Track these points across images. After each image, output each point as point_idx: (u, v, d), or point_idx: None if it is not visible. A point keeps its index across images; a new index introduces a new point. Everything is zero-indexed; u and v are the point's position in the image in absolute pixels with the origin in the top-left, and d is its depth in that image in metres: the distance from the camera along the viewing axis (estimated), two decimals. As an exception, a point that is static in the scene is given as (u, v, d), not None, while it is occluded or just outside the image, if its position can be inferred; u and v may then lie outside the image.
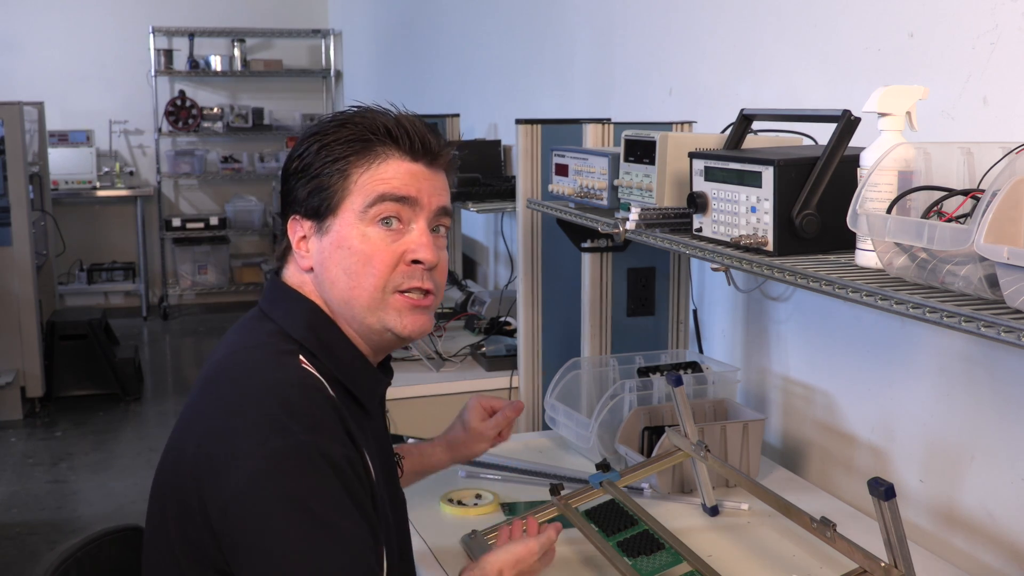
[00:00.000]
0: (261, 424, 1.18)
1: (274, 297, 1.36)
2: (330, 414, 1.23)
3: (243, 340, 1.33)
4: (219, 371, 1.29)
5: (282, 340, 1.30)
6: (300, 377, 1.25)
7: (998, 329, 1.08)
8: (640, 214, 1.79)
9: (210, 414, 1.24)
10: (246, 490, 1.15)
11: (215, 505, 1.17)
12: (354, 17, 7.34)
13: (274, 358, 1.27)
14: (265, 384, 1.23)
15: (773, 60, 2.28)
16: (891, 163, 1.34)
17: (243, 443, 1.17)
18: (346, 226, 1.31)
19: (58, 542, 1.40)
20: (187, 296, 7.91)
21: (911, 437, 1.88)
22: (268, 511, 1.15)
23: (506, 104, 4.15)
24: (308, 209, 1.33)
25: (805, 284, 1.40)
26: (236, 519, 1.16)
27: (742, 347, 2.42)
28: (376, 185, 1.30)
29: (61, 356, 5.47)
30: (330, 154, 1.32)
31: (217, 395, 1.26)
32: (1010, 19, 1.60)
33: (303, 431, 1.18)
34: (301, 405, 1.21)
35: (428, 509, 1.93)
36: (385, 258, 1.31)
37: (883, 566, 1.35)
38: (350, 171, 1.31)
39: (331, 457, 1.18)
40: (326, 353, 1.31)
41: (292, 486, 1.15)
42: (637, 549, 1.66)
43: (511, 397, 2.85)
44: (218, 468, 1.18)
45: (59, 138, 7.28)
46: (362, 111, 1.36)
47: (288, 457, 1.16)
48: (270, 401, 1.21)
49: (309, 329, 1.32)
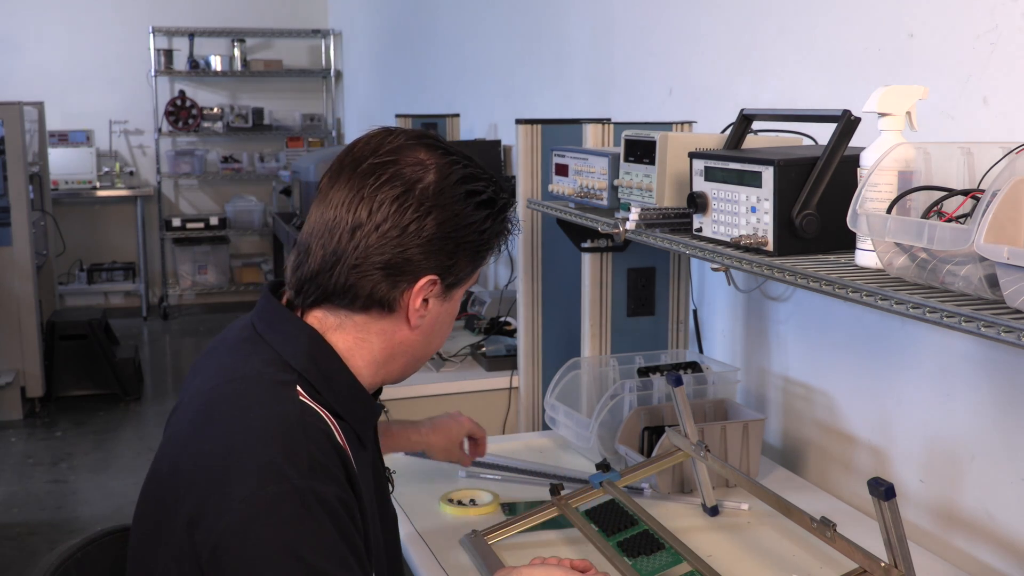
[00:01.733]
0: (256, 469, 1.14)
1: (271, 319, 1.31)
2: (328, 452, 1.19)
3: (236, 367, 1.27)
4: (212, 402, 1.24)
5: (279, 369, 1.25)
6: (299, 413, 1.20)
7: (998, 329, 1.08)
8: (640, 214, 1.79)
9: (204, 452, 1.19)
10: (238, 535, 1.12)
11: (205, 547, 1.14)
12: (354, 17, 7.34)
13: (271, 390, 1.22)
14: (263, 422, 1.18)
15: (773, 60, 2.28)
16: (891, 163, 1.34)
17: (237, 488, 1.13)
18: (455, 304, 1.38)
19: (58, 542, 1.40)
20: (187, 296, 7.91)
21: (911, 437, 1.88)
22: (259, 557, 1.12)
23: (506, 104, 4.15)
24: (455, 279, 1.33)
25: (805, 284, 1.40)
26: (226, 564, 1.13)
27: (742, 347, 2.42)
28: (472, 281, 1.39)
29: (61, 356, 5.47)
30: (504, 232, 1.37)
31: (212, 432, 1.20)
32: (1010, 19, 1.60)
33: (299, 476, 1.14)
34: (299, 444, 1.17)
35: (428, 509, 1.93)
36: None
37: (883, 566, 1.35)
38: (487, 257, 1.37)
39: (326, 501, 1.15)
40: (325, 385, 1.26)
41: (284, 533, 1.12)
42: (637, 549, 1.66)
43: (511, 397, 2.85)
44: (210, 510, 1.14)
45: (59, 138, 7.28)
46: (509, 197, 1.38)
47: (282, 504, 1.13)
48: (267, 442, 1.16)
49: (309, 358, 1.26)
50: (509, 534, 1.75)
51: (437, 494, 1.96)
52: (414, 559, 1.75)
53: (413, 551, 1.76)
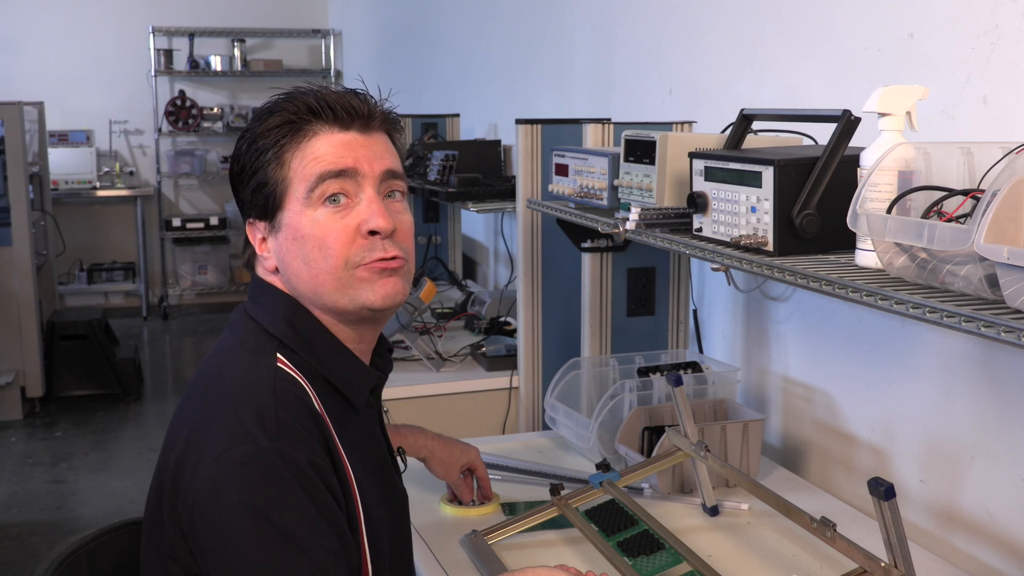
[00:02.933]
0: (227, 431, 1.18)
1: (254, 294, 1.35)
2: (301, 417, 1.21)
3: (226, 339, 1.33)
4: (201, 373, 1.29)
5: (261, 338, 1.29)
6: (271, 378, 1.23)
7: (998, 329, 1.08)
8: (640, 214, 1.79)
9: (188, 418, 1.24)
10: (207, 497, 1.15)
11: (184, 509, 1.18)
12: (354, 17, 7.35)
13: (249, 358, 1.26)
14: (235, 387, 1.22)
15: (773, 60, 2.28)
16: (891, 163, 1.34)
17: (209, 449, 1.17)
18: (295, 216, 1.27)
19: (58, 542, 1.40)
20: (187, 296, 7.91)
21: (911, 437, 1.88)
22: (227, 519, 1.14)
23: (506, 104, 4.15)
24: (257, 209, 1.31)
25: (805, 284, 1.40)
26: (199, 525, 1.16)
27: (742, 347, 2.42)
28: (311, 166, 1.26)
29: (61, 356, 5.47)
30: (261, 147, 1.28)
31: (195, 398, 1.26)
32: (1010, 19, 1.60)
33: (266, 438, 1.16)
34: (268, 407, 1.19)
35: (428, 509, 1.93)
36: (339, 236, 1.26)
37: (883, 566, 1.35)
38: (284, 158, 1.28)
39: (295, 464, 1.16)
40: (306, 348, 1.29)
41: (252, 495, 1.14)
42: (637, 549, 1.66)
43: (511, 397, 2.85)
44: (187, 472, 1.18)
45: (59, 138, 7.28)
46: (285, 96, 1.31)
47: (250, 465, 1.15)
48: (237, 406, 1.20)
49: (287, 324, 1.30)
50: (509, 534, 1.75)
51: (437, 494, 1.96)
52: (414, 559, 1.75)
53: (413, 550, 1.76)
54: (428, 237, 4.21)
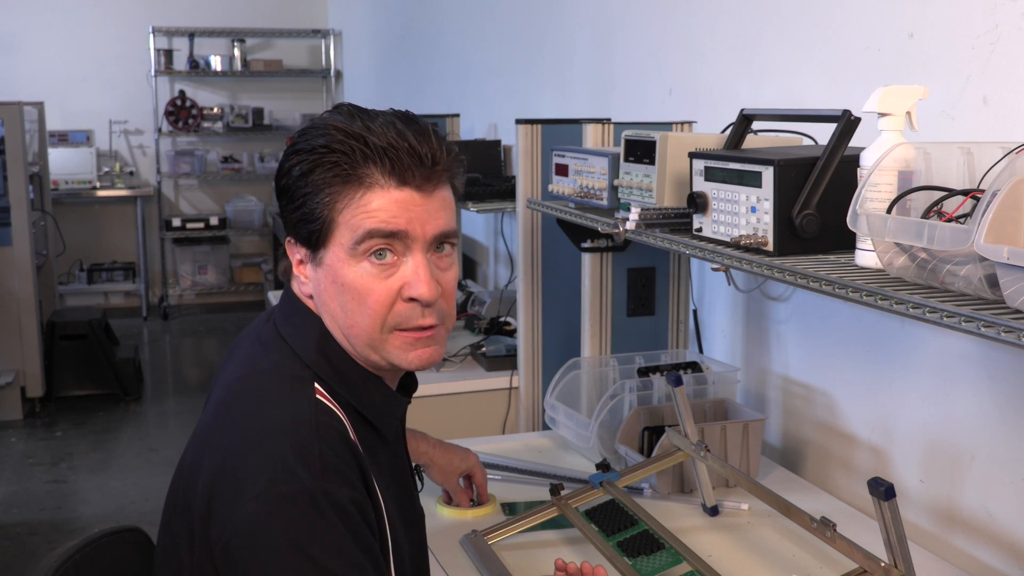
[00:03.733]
0: (270, 466, 1.14)
1: (287, 312, 1.30)
2: (342, 453, 1.18)
3: (257, 359, 1.27)
4: (233, 396, 1.24)
5: (297, 364, 1.24)
6: (314, 412, 1.20)
7: (998, 329, 1.08)
8: (640, 214, 1.79)
9: (221, 446, 1.19)
10: (248, 532, 1.12)
11: (218, 542, 1.15)
12: (354, 17, 7.34)
13: (288, 387, 1.22)
14: (277, 421, 1.18)
15: (773, 60, 2.28)
16: (891, 163, 1.34)
17: (249, 485, 1.13)
18: (338, 262, 1.21)
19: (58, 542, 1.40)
20: (187, 296, 7.91)
21: (911, 437, 1.88)
22: (268, 556, 1.12)
23: (506, 104, 4.15)
24: (300, 236, 1.25)
25: (805, 284, 1.40)
26: (237, 560, 1.13)
27: (742, 347, 2.42)
28: (361, 219, 1.19)
29: (61, 356, 5.47)
30: (311, 183, 1.20)
31: (230, 426, 1.21)
32: (1010, 19, 1.60)
33: (310, 476, 1.13)
34: (312, 445, 1.16)
35: (428, 509, 1.91)
36: (380, 297, 1.21)
37: (883, 566, 1.35)
38: (334, 203, 1.20)
39: (338, 502, 1.14)
40: (338, 379, 1.25)
41: (294, 533, 1.12)
42: (637, 549, 1.66)
43: (511, 397, 2.85)
44: (223, 505, 1.15)
45: (59, 138, 7.28)
46: (343, 125, 1.21)
47: (293, 503, 1.12)
48: (279, 440, 1.16)
49: (320, 353, 1.25)
50: (509, 534, 1.76)
51: (436, 495, 1.96)
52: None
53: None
54: (428, 237, 4.20)
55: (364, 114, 1.23)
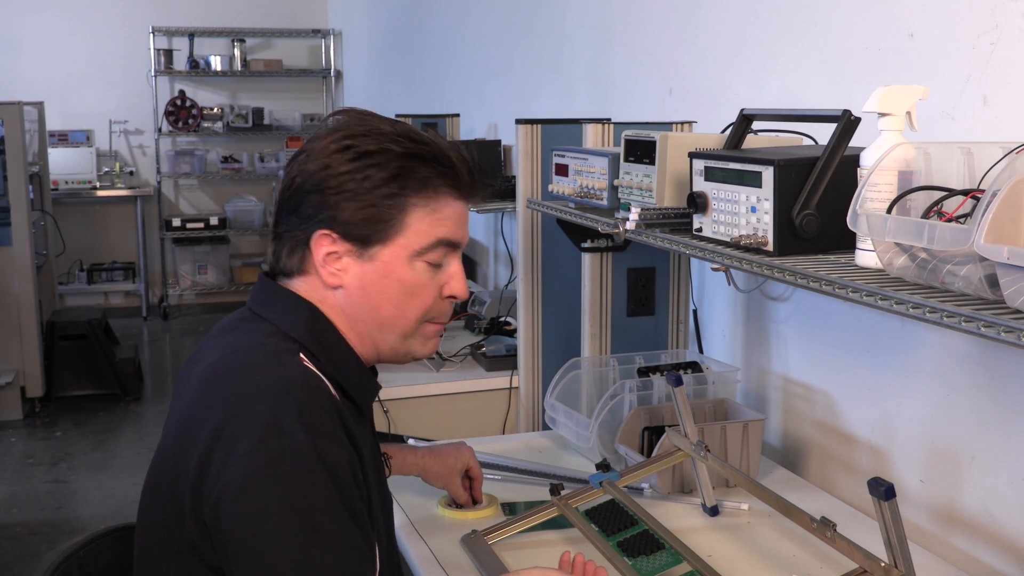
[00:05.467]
0: (261, 424, 1.17)
1: (267, 299, 1.35)
2: (332, 414, 1.22)
3: (240, 340, 1.31)
4: (218, 372, 1.27)
5: (281, 339, 1.29)
6: (303, 375, 1.24)
7: (998, 329, 1.08)
8: (640, 214, 1.79)
9: (212, 417, 1.21)
10: (240, 489, 1.14)
11: (208, 501, 1.16)
12: (354, 17, 7.34)
13: (276, 356, 1.26)
14: (267, 382, 1.22)
15: (773, 60, 2.28)
16: (891, 163, 1.34)
17: (242, 443, 1.16)
18: (397, 260, 1.31)
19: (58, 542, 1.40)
20: (187, 296, 7.91)
21: (911, 437, 1.88)
22: (261, 512, 1.14)
23: (506, 104, 4.15)
24: (352, 232, 1.29)
25: (805, 284, 1.40)
26: (228, 517, 1.15)
27: (742, 347, 2.42)
28: (435, 227, 1.31)
29: (61, 356, 5.47)
30: (386, 184, 1.27)
31: (219, 396, 1.23)
32: (1010, 19, 1.60)
33: (303, 432, 1.16)
34: (304, 404, 1.20)
35: (428, 509, 1.93)
36: (430, 293, 1.34)
37: (883, 566, 1.35)
38: (408, 207, 1.29)
39: (329, 460, 1.17)
40: (324, 354, 1.31)
41: (287, 490, 1.14)
42: (637, 549, 1.66)
43: (511, 397, 2.85)
44: (215, 465, 1.16)
45: (59, 138, 7.28)
46: (405, 133, 1.30)
47: (285, 460, 1.15)
48: (271, 400, 1.19)
49: (308, 329, 1.31)
50: (509, 534, 1.75)
51: (437, 494, 1.96)
52: (414, 559, 1.75)
53: (413, 551, 1.76)
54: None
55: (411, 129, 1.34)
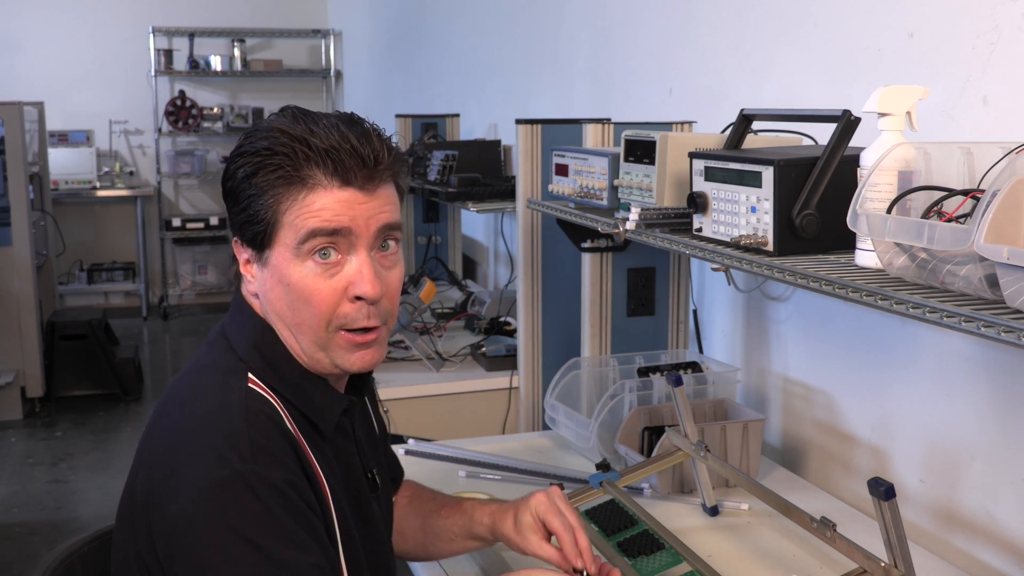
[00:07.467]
0: (200, 455, 1.16)
1: (232, 311, 1.33)
2: (274, 436, 1.20)
3: (199, 359, 1.31)
4: (170, 395, 1.28)
5: (233, 358, 1.27)
6: (243, 399, 1.22)
7: (998, 329, 1.08)
8: (640, 214, 1.79)
9: (158, 442, 1.23)
10: (186, 521, 1.14)
11: (160, 535, 1.17)
12: (354, 17, 7.34)
13: (221, 379, 1.25)
14: (206, 410, 1.21)
15: (773, 60, 2.28)
16: (891, 163, 1.34)
17: (183, 474, 1.16)
18: (282, 261, 1.23)
19: (58, 542, 1.40)
20: (187, 296, 7.91)
21: (911, 437, 1.88)
22: (208, 543, 1.13)
23: (506, 104, 4.15)
24: (245, 236, 1.26)
25: (805, 284, 1.40)
26: (178, 550, 1.15)
27: (742, 347, 2.42)
28: (304, 219, 1.21)
29: (61, 356, 5.47)
30: (255, 185, 1.22)
31: (166, 422, 1.24)
32: (1010, 19, 1.60)
33: (240, 461, 1.15)
34: (240, 430, 1.18)
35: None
36: (325, 296, 1.23)
37: (883, 566, 1.35)
38: (278, 204, 1.22)
39: (273, 484, 1.15)
40: (271, 372, 1.27)
41: (231, 517, 1.13)
42: (637, 549, 1.66)
43: (511, 397, 2.85)
44: (161, 498, 1.17)
45: (59, 138, 7.28)
46: (284, 127, 1.24)
47: (227, 488, 1.14)
48: (209, 429, 1.18)
49: (254, 348, 1.28)
50: (509, 534, 1.75)
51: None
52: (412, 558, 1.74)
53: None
54: (428, 237, 4.22)
55: (308, 117, 1.26)
